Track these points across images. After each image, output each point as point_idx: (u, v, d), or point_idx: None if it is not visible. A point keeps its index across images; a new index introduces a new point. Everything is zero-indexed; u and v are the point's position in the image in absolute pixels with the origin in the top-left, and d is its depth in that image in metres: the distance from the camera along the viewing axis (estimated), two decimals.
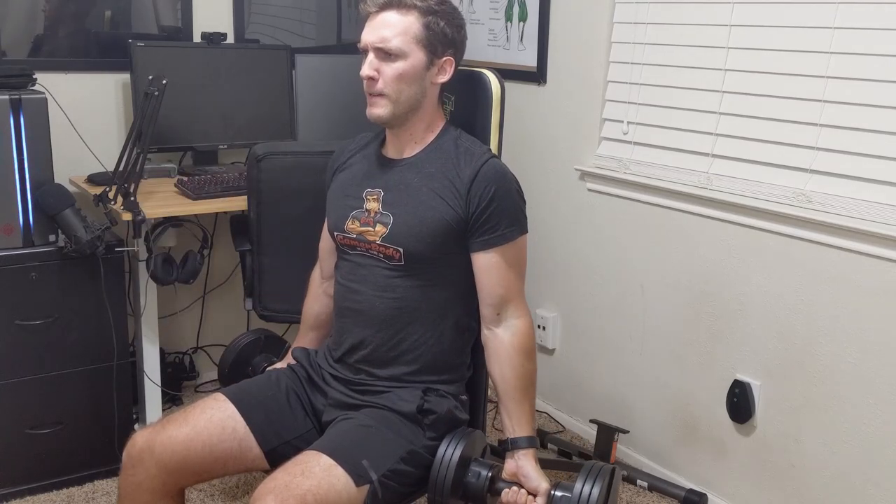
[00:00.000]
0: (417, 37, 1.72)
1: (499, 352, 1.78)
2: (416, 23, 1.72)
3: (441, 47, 1.75)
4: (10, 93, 2.35)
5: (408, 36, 1.72)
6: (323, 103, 2.96)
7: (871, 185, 2.11)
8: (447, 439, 1.71)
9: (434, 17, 1.73)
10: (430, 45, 1.74)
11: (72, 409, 2.54)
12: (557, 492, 1.64)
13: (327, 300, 1.99)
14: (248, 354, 2.28)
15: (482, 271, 1.77)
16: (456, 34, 1.77)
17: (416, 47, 1.73)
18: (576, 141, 2.90)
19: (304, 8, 3.30)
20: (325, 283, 2.02)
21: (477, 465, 1.71)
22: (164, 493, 1.71)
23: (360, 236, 1.79)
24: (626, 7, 2.68)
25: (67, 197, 2.45)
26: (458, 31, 1.78)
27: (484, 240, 1.75)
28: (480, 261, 1.76)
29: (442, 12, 1.74)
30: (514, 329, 1.78)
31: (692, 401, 2.58)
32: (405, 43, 1.72)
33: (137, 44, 2.81)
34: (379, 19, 1.74)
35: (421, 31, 1.72)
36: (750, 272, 2.38)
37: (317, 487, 1.53)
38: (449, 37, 1.76)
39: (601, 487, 1.57)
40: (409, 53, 1.72)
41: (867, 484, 2.15)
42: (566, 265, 2.97)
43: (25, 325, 2.44)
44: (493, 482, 1.69)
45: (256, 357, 2.28)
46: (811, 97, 2.21)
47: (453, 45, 1.78)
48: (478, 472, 1.69)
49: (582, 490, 1.57)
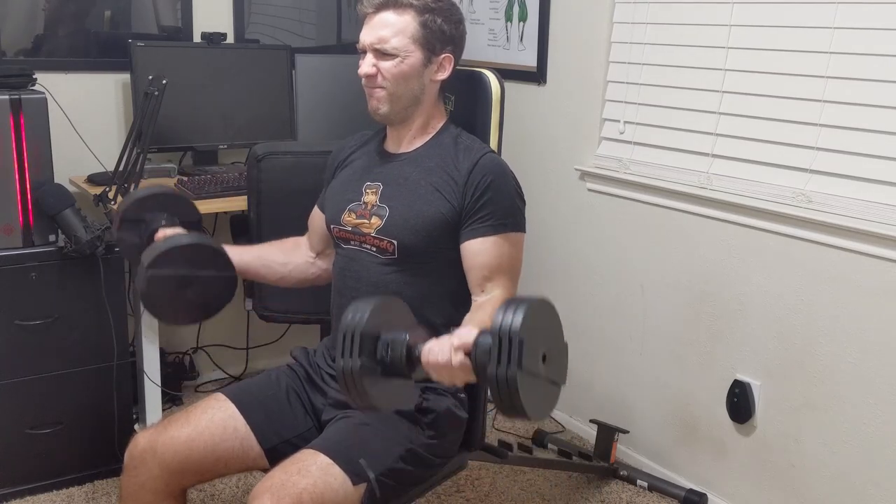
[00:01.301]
0: (415, 36, 1.73)
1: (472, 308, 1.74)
2: (412, 22, 1.73)
3: (439, 45, 1.76)
4: (10, 93, 2.34)
5: (405, 35, 1.72)
6: (323, 103, 2.96)
7: (871, 185, 2.11)
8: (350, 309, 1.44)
9: (431, 15, 1.73)
10: (428, 43, 1.74)
11: (72, 409, 2.54)
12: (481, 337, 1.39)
13: (302, 263, 1.98)
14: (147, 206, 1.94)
15: (469, 259, 1.75)
16: (454, 30, 1.77)
17: (414, 46, 1.73)
18: (576, 141, 2.90)
19: (304, 8, 3.30)
20: (310, 254, 2.00)
21: (389, 334, 1.43)
22: (167, 494, 1.72)
23: (356, 229, 1.80)
24: (626, 7, 2.68)
25: (67, 197, 2.45)
26: (457, 27, 1.78)
27: (473, 228, 1.73)
28: (468, 249, 1.74)
29: (438, 9, 1.75)
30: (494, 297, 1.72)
31: (692, 401, 2.58)
32: (402, 42, 1.72)
33: (137, 44, 2.81)
34: (376, 20, 1.74)
35: (418, 29, 1.73)
36: (750, 272, 2.38)
37: (313, 486, 1.53)
38: (447, 34, 1.76)
39: (523, 313, 1.32)
40: (407, 53, 1.73)
41: (867, 484, 2.15)
42: (566, 265, 2.97)
43: (25, 325, 2.44)
44: (410, 351, 1.43)
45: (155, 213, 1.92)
46: (811, 97, 2.21)
47: (452, 42, 1.78)
48: (387, 341, 1.42)
49: (501, 322, 1.32)
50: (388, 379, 1.43)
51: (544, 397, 1.41)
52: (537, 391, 1.37)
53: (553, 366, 1.40)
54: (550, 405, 1.45)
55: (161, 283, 1.74)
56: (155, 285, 1.74)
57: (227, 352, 3.29)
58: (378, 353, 1.41)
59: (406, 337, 1.43)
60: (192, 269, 1.78)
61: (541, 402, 1.39)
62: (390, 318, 1.45)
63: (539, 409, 1.39)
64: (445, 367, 1.39)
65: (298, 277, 2.00)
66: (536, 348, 1.35)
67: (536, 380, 1.36)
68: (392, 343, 1.42)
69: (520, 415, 1.33)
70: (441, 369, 1.40)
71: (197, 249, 1.79)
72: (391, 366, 1.42)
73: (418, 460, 1.72)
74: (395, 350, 1.42)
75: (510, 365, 1.30)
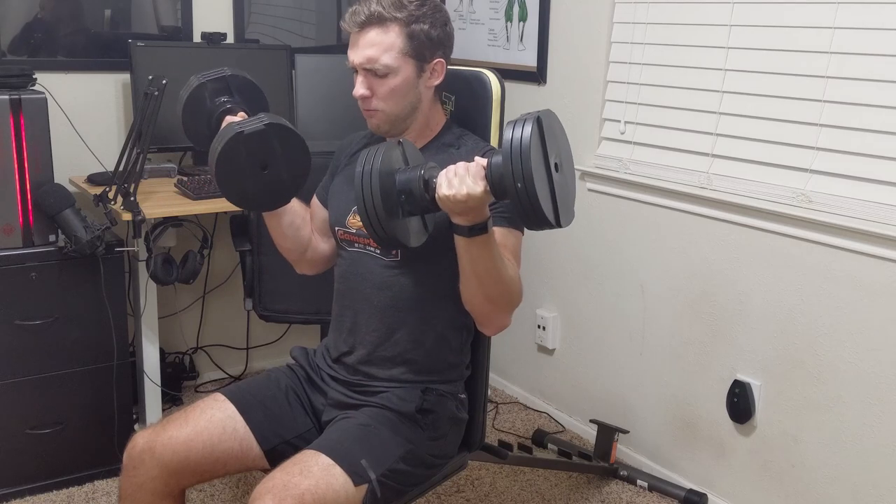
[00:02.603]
0: (403, 49, 1.70)
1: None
2: (399, 36, 1.69)
3: (429, 52, 1.73)
4: (10, 93, 2.35)
5: (393, 51, 1.69)
6: (323, 103, 2.96)
7: (871, 185, 2.11)
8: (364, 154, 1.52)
9: (417, 25, 1.70)
10: (418, 53, 1.71)
11: (72, 409, 2.55)
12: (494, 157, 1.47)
13: (309, 232, 1.92)
14: (206, 94, 1.86)
15: None
16: (441, 33, 1.74)
17: (404, 60, 1.71)
18: (576, 141, 2.86)
19: (304, 8, 3.30)
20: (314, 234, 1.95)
21: (403, 173, 1.52)
22: (166, 494, 1.71)
23: (360, 231, 1.79)
24: (626, 7, 2.68)
25: (67, 197, 2.45)
26: (444, 28, 1.75)
27: None
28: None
29: (423, 16, 1.71)
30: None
31: (692, 401, 2.58)
32: (392, 59, 1.69)
33: (137, 44, 2.81)
34: (362, 40, 1.71)
35: (405, 43, 1.70)
36: (750, 272, 2.38)
37: (315, 487, 1.53)
38: (435, 39, 1.73)
39: (532, 127, 1.41)
40: (399, 68, 1.70)
41: (867, 484, 2.15)
42: (566, 265, 2.97)
43: (25, 325, 2.44)
44: (427, 184, 1.50)
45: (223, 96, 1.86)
46: (811, 97, 2.21)
47: (441, 46, 1.75)
48: (406, 177, 1.51)
49: (512, 137, 1.41)
50: (407, 216, 1.53)
51: (563, 202, 1.49)
52: (559, 195, 1.47)
53: (565, 173, 1.51)
54: (570, 210, 1.54)
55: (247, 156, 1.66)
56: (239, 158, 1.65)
57: (227, 352, 3.30)
58: (396, 188, 1.50)
59: (421, 171, 1.51)
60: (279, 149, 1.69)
61: (561, 207, 1.48)
62: (402, 157, 1.54)
63: (562, 215, 1.48)
64: (461, 190, 1.46)
65: (317, 249, 1.94)
66: (549, 157, 1.44)
67: (553, 186, 1.45)
68: (409, 179, 1.50)
69: (542, 222, 1.43)
70: (458, 187, 1.46)
71: (285, 131, 1.69)
72: (411, 200, 1.51)
73: (419, 461, 1.72)
74: (412, 184, 1.50)
75: (524, 176, 1.39)
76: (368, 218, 1.50)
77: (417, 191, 1.51)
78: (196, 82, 1.85)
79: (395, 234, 1.52)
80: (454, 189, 1.47)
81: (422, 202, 1.52)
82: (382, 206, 1.49)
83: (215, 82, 1.86)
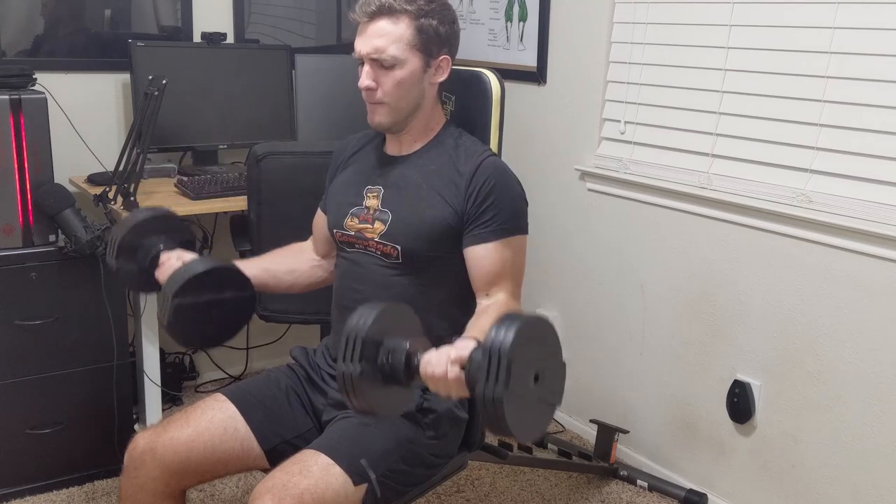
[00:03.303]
0: (411, 42, 1.70)
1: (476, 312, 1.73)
2: (408, 29, 1.70)
3: (436, 48, 1.74)
4: (10, 93, 2.35)
5: (402, 43, 1.70)
6: (323, 103, 2.96)
7: (871, 185, 2.11)
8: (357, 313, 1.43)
9: (426, 19, 1.71)
10: (425, 47, 1.72)
11: (72, 409, 2.54)
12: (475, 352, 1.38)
13: (308, 268, 1.98)
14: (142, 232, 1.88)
15: (473, 265, 1.74)
16: (449, 30, 1.75)
17: (412, 53, 1.71)
18: (576, 141, 2.90)
19: (304, 8, 3.30)
20: (315, 257, 2.00)
21: (391, 341, 1.43)
22: (167, 495, 1.71)
23: (359, 233, 1.79)
24: (626, 7, 2.68)
25: (67, 197, 2.45)
26: (451, 26, 1.76)
27: (476, 234, 1.73)
28: (472, 254, 1.74)
29: (433, 12, 1.72)
30: (498, 301, 1.72)
31: (692, 401, 2.58)
32: (400, 51, 1.70)
33: (137, 44, 2.81)
34: (370, 28, 1.71)
35: (414, 35, 1.70)
36: (750, 272, 2.38)
37: (314, 486, 1.53)
38: (443, 35, 1.74)
39: (514, 332, 1.31)
40: (406, 60, 1.71)
41: (867, 484, 2.15)
42: (566, 265, 2.97)
43: (25, 325, 2.44)
44: (409, 360, 1.42)
45: (151, 237, 1.87)
46: (811, 97, 2.21)
47: (448, 43, 1.76)
48: (389, 348, 1.41)
49: (493, 339, 1.31)
50: (387, 386, 1.43)
51: (535, 417, 1.39)
52: (526, 411, 1.35)
53: (546, 386, 1.38)
54: (542, 425, 1.44)
55: (188, 311, 1.73)
56: (183, 314, 1.72)
57: (227, 352, 3.29)
58: (379, 360, 1.41)
59: (407, 345, 1.42)
60: (216, 294, 1.76)
61: (530, 423, 1.38)
62: (394, 325, 1.44)
63: (528, 430, 1.38)
64: (441, 380, 1.39)
65: (306, 283, 1.99)
66: (527, 368, 1.34)
67: (525, 400, 1.34)
68: (393, 351, 1.41)
69: (506, 434, 1.32)
70: (437, 382, 1.40)
71: (217, 273, 1.77)
72: (391, 373, 1.41)
73: (419, 460, 1.72)
74: (395, 358, 1.41)
75: (497, 385, 1.29)
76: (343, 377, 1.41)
77: (398, 365, 1.42)
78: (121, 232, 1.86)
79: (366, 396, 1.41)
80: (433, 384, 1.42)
81: (399, 376, 1.43)
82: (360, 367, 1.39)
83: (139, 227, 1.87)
